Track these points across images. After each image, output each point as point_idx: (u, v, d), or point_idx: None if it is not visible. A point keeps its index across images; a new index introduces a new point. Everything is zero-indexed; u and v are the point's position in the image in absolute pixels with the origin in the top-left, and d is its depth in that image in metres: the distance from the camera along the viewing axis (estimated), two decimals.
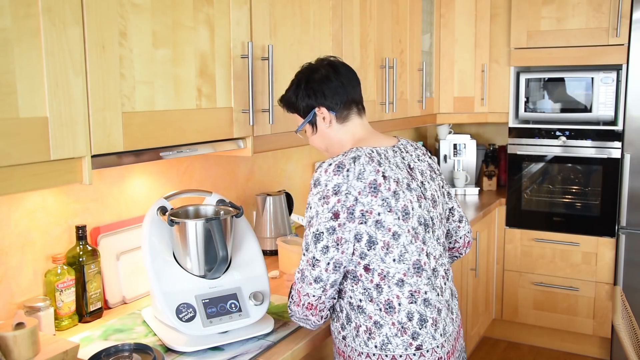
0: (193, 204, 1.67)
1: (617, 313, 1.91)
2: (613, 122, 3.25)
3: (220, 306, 1.49)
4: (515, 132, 3.50)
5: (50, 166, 1.17)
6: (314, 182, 1.40)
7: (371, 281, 1.39)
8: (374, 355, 1.39)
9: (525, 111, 3.46)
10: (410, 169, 1.49)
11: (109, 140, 1.29)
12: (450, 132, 3.86)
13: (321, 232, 1.36)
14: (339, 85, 1.52)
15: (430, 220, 1.47)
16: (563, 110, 3.37)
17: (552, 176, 3.47)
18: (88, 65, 1.22)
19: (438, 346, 1.41)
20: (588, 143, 3.32)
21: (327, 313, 1.44)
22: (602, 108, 3.25)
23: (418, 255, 1.41)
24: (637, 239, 3.21)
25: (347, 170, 1.37)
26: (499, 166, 3.92)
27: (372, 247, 1.37)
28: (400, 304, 1.38)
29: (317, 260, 1.37)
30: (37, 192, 1.60)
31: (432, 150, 4.16)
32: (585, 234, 3.37)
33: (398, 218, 1.38)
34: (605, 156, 3.28)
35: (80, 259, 1.64)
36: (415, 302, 1.39)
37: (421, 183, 1.49)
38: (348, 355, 1.45)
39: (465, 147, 3.75)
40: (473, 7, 3.52)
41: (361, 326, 1.40)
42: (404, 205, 1.39)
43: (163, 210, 1.58)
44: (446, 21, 3.53)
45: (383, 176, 1.39)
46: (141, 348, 1.35)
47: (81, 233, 1.65)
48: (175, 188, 2.07)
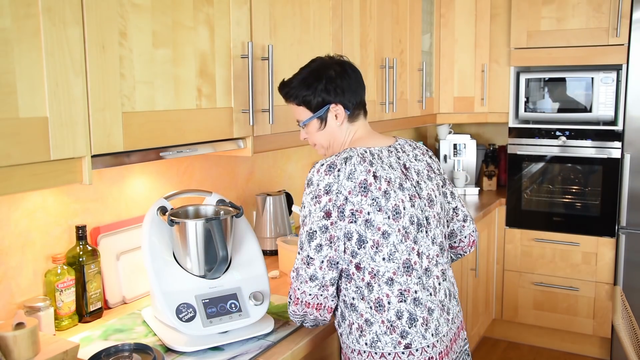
0: (193, 204, 1.67)
1: (617, 313, 1.91)
2: (613, 122, 3.25)
3: (220, 306, 1.49)
4: (515, 132, 3.50)
5: (50, 166, 1.17)
6: (307, 182, 1.42)
7: (362, 279, 1.40)
8: (365, 352, 1.41)
9: (525, 111, 3.46)
10: (405, 169, 1.49)
11: (109, 140, 1.29)
12: (450, 132, 3.86)
13: (314, 231, 1.38)
14: (357, 84, 1.55)
15: (424, 219, 1.47)
16: (563, 110, 3.37)
17: (552, 176, 3.47)
18: (88, 65, 1.22)
19: (429, 346, 1.42)
20: (588, 143, 3.32)
21: (331, 307, 1.44)
22: (602, 108, 3.25)
23: (408, 254, 1.41)
24: (637, 239, 3.20)
25: (338, 170, 1.39)
26: (499, 166, 3.92)
27: (362, 246, 1.38)
28: (389, 303, 1.39)
29: (312, 258, 1.38)
30: (37, 192, 1.60)
31: (432, 150, 4.16)
32: (585, 234, 3.37)
33: (388, 217, 1.39)
34: (605, 156, 3.28)
35: (80, 259, 1.64)
36: (404, 301, 1.40)
37: (416, 183, 1.49)
38: (344, 351, 1.48)
39: (465, 147, 3.75)
40: (473, 7, 3.52)
41: (354, 324, 1.42)
42: (395, 204, 1.40)
43: (163, 210, 1.58)
44: (446, 21, 3.53)
45: (374, 176, 1.40)
46: (141, 348, 1.35)
47: (81, 233, 1.65)
48: (175, 188, 2.07)
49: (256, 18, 1.76)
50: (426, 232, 1.47)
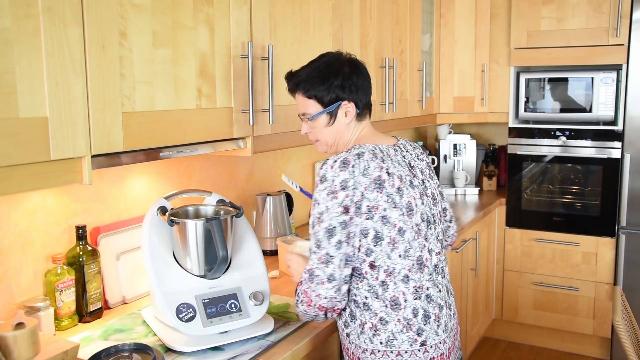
0: (193, 204, 1.67)
1: (617, 313, 1.91)
2: (613, 122, 3.25)
3: (220, 306, 1.49)
4: (515, 132, 3.50)
5: (50, 166, 1.17)
6: (321, 179, 1.40)
7: (376, 278, 1.39)
8: (379, 351, 1.40)
9: (525, 111, 3.46)
10: (411, 167, 1.50)
11: (109, 140, 1.29)
12: (450, 132, 3.86)
13: (334, 227, 1.35)
14: (369, 84, 1.56)
15: (431, 217, 1.49)
16: (563, 110, 3.37)
17: (552, 176, 3.47)
18: (88, 65, 1.22)
19: (440, 342, 1.43)
20: (588, 143, 3.32)
21: (341, 308, 1.43)
22: (602, 108, 3.25)
23: (420, 251, 1.42)
24: (637, 239, 3.20)
25: (352, 166, 1.38)
26: (499, 166, 3.92)
27: (379, 243, 1.37)
28: (406, 300, 1.39)
29: (332, 256, 1.36)
30: (37, 192, 1.60)
31: (432, 150, 4.16)
32: (585, 234, 3.37)
33: (403, 214, 1.39)
34: (605, 156, 3.28)
35: (80, 259, 1.64)
36: (419, 298, 1.40)
37: (422, 181, 1.51)
38: (352, 352, 1.46)
39: (465, 147, 3.75)
40: (473, 7, 3.52)
41: (366, 323, 1.41)
42: (408, 201, 1.41)
43: (163, 210, 1.58)
44: (446, 21, 3.52)
45: (387, 172, 1.40)
46: (141, 348, 1.35)
47: (81, 233, 1.65)
48: (175, 188, 2.07)
49: (256, 18, 1.76)
50: (434, 229, 1.49)
